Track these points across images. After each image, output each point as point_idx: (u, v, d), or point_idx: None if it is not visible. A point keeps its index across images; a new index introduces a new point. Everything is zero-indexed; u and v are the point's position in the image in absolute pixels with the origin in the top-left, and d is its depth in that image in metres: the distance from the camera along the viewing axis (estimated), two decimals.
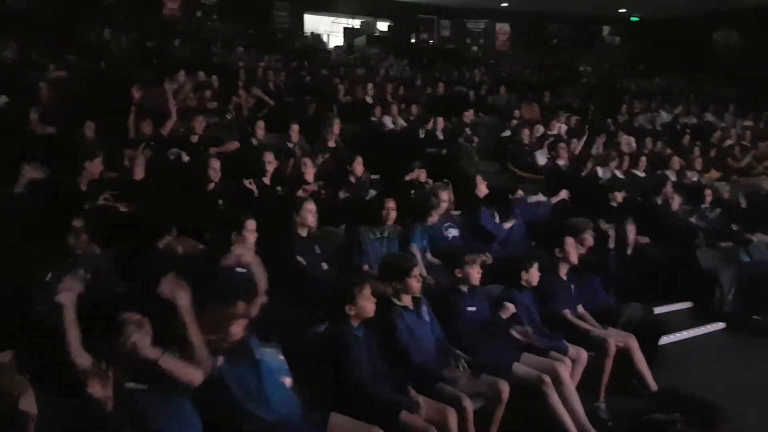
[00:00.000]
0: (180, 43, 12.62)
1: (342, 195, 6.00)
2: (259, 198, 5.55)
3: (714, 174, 9.57)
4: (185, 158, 6.30)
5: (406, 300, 3.82)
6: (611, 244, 5.64)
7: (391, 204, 4.98)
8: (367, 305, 3.44)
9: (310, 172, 6.01)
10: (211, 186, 5.39)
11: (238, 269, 3.68)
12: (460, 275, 4.19)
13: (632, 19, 19.96)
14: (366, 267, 4.70)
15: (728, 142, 10.95)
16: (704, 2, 16.42)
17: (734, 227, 7.23)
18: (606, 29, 21.05)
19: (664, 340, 5.19)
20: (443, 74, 13.68)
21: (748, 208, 7.82)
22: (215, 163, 5.43)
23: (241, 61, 11.95)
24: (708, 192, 7.78)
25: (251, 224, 4.01)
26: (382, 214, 4.93)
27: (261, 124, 7.40)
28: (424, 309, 3.90)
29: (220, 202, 5.30)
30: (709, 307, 6.21)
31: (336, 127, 7.46)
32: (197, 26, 15.59)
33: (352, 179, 6.24)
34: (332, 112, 8.76)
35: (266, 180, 5.79)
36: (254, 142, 7.24)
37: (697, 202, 7.57)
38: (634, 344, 4.49)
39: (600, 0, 17.24)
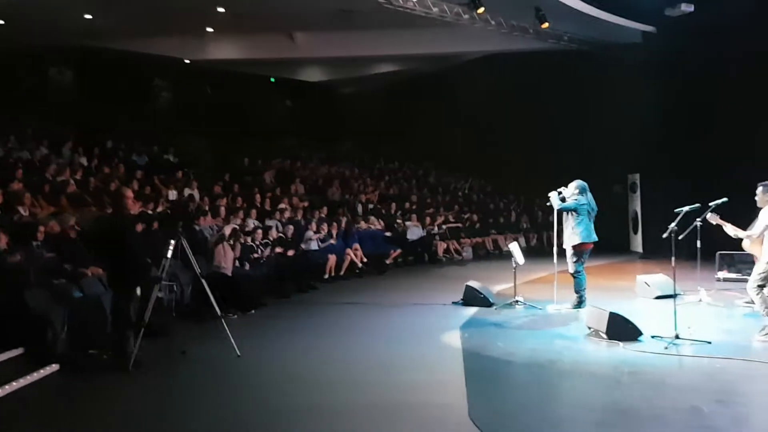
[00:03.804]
0: None
1: None
2: None
3: (48, 209, 9.43)
4: None
5: None
6: None
7: None
8: None
9: None
10: None
11: None
12: None
13: None
14: None
15: (61, 178, 11.03)
16: (37, 37, 16.19)
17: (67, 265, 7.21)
18: None
19: None
20: None
21: (82, 243, 7.96)
22: None
23: None
24: (41, 229, 7.55)
25: None
26: None
27: None
28: None
29: None
30: (41, 350, 5.94)
31: None
32: None
33: None
34: None
35: None
36: None
37: (28, 241, 7.24)
38: None
39: None
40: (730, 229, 7.09)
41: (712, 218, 7.21)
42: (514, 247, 9.16)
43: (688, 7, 12.66)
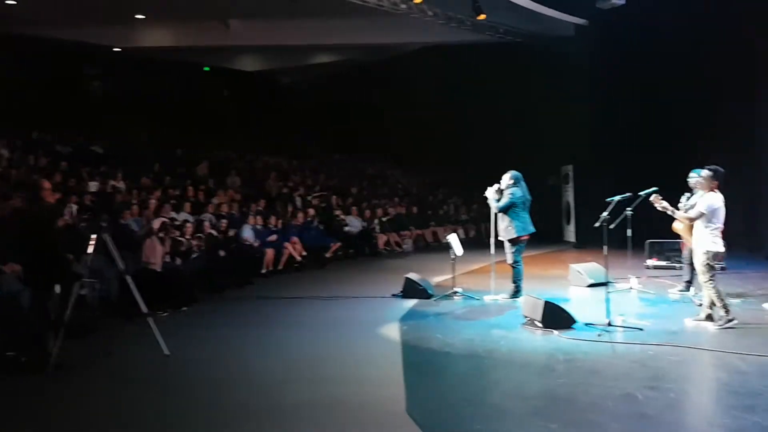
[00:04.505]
0: None
1: None
2: None
3: None
4: None
5: None
6: None
7: None
8: None
9: None
10: None
11: None
12: None
13: None
14: None
15: None
16: None
17: None
18: None
19: None
20: None
21: None
22: None
23: None
24: None
25: None
26: None
27: None
28: None
29: None
30: None
31: None
32: None
33: None
34: None
35: None
36: None
37: None
38: None
39: None
40: (669, 208, 7.08)
41: (655, 200, 7.28)
42: (453, 239, 9.16)
43: (619, 0, 12.95)
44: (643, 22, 13.22)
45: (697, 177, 8.17)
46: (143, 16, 16.18)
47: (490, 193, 8.69)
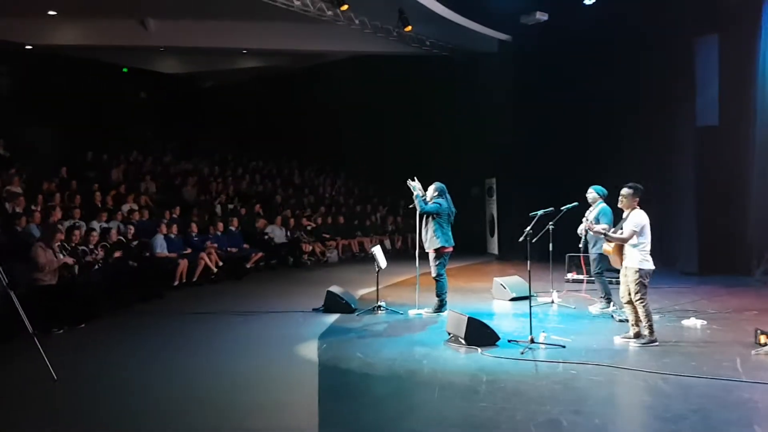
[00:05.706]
0: None
1: None
2: None
3: None
4: None
5: None
6: None
7: None
8: None
9: None
10: None
11: None
12: None
13: None
14: None
15: None
16: None
17: None
18: None
19: None
20: None
21: None
22: None
23: None
24: None
25: None
26: None
27: None
28: None
29: None
30: None
31: None
32: None
33: None
34: None
35: None
36: None
37: None
38: None
39: None
40: (602, 231, 6.87)
41: (590, 226, 7.12)
42: (377, 251, 8.90)
43: (543, 16, 13.10)
44: (566, 37, 13.43)
45: (594, 193, 8.31)
46: (55, 12, 15.12)
47: (415, 189, 8.44)
